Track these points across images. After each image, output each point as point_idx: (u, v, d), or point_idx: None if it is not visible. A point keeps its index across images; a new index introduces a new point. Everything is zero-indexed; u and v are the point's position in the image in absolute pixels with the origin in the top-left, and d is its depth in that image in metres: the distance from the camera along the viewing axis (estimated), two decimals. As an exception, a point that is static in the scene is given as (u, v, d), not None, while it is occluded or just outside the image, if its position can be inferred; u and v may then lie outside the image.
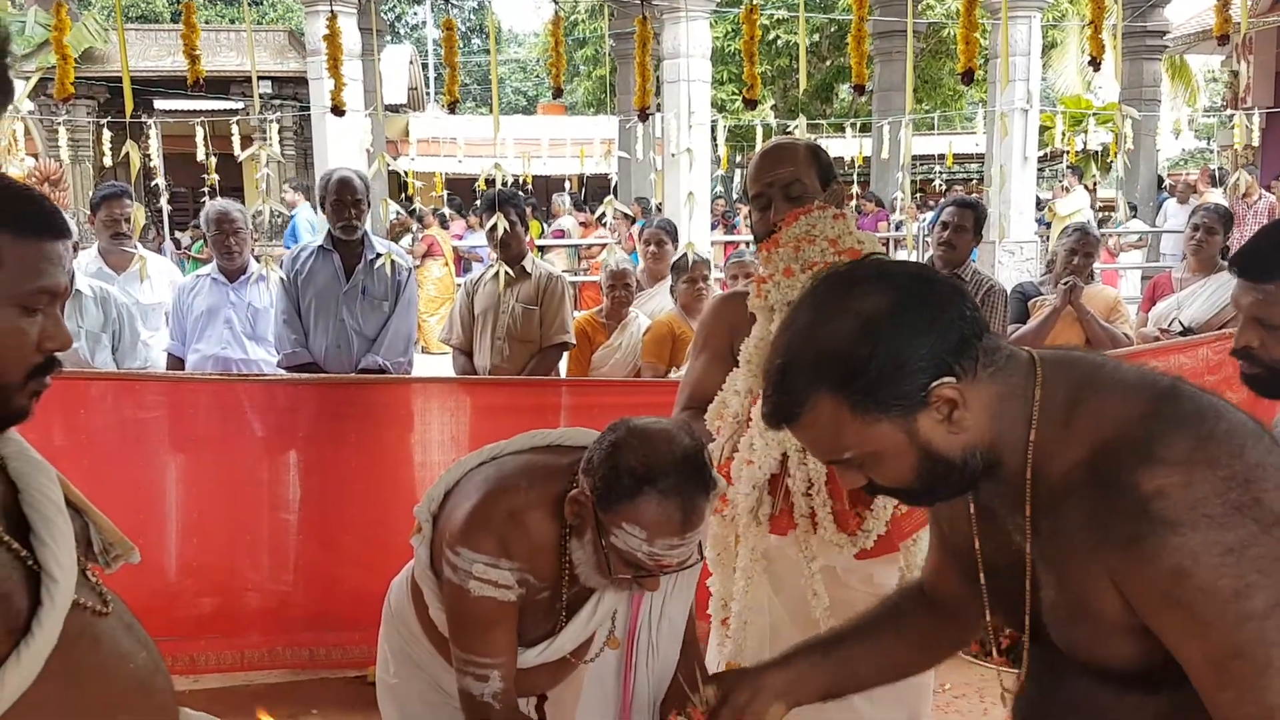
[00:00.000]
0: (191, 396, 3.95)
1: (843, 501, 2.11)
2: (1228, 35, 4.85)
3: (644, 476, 1.69)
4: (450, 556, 1.84)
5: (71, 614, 1.15)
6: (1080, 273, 4.61)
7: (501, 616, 1.84)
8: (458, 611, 1.87)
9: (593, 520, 1.77)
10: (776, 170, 2.40)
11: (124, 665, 1.26)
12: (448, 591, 1.87)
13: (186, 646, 3.78)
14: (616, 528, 1.72)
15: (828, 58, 23.74)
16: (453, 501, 1.94)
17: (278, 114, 14.89)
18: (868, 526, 2.10)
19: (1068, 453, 1.26)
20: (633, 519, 1.70)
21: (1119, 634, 1.25)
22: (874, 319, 1.23)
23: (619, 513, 1.71)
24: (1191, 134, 24.41)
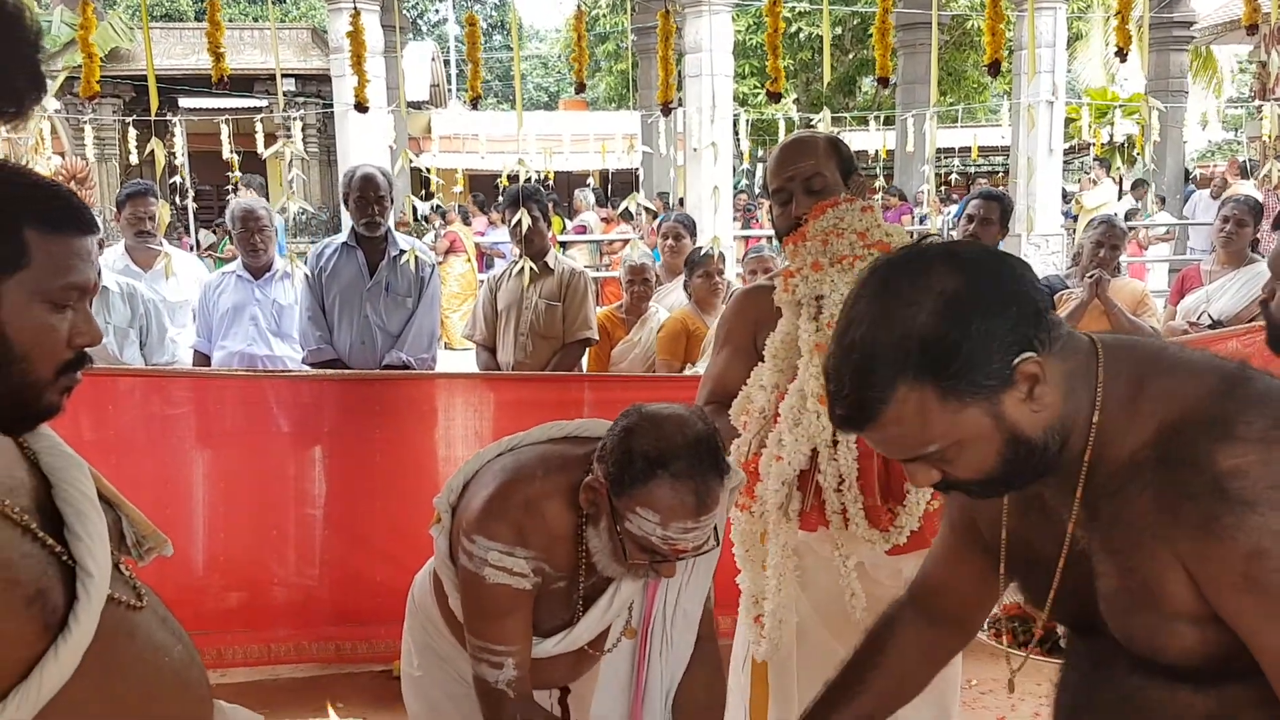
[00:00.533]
0: (218, 392, 3.98)
1: (874, 497, 2.09)
2: (1256, 25, 4.78)
3: (656, 460, 1.70)
4: (466, 544, 1.85)
5: (107, 608, 1.16)
6: (1106, 265, 4.57)
7: (516, 605, 1.85)
8: (473, 599, 1.88)
9: (608, 507, 1.78)
10: (797, 164, 2.39)
11: (160, 658, 1.26)
12: (463, 578, 1.89)
13: (213, 641, 3.80)
14: (630, 513, 1.73)
15: (850, 50, 23.60)
16: (471, 491, 1.94)
17: (301, 111, 14.95)
18: (900, 522, 2.08)
19: (1133, 434, 1.21)
20: (646, 503, 1.71)
21: (1183, 622, 1.20)
22: (956, 298, 1.17)
23: (632, 497, 1.72)
24: (1219, 125, 24.14)
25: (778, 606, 2.22)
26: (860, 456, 2.09)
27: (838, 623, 2.23)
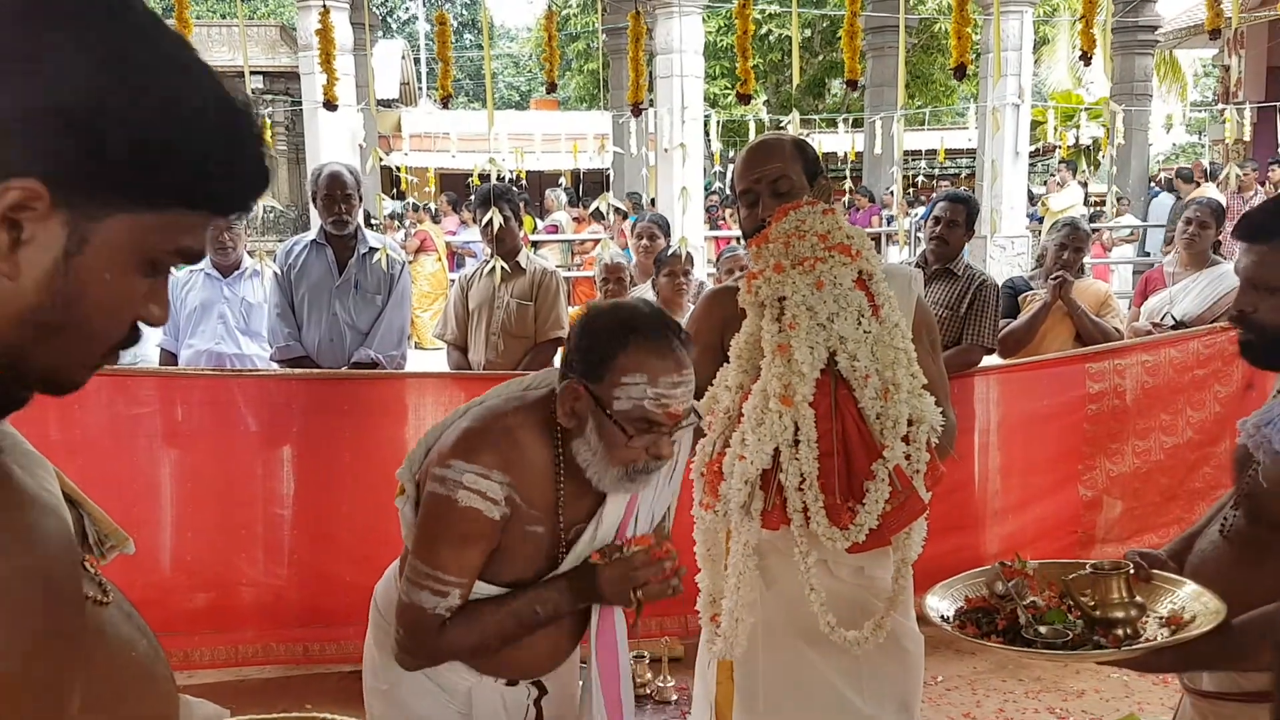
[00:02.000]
0: (185, 391, 3.95)
1: (835, 496, 2.12)
2: (1219, 30, 4.86)
3: (625, 327, 1.79)
4: (439, 472, 1.83)
5: None
6: (1070, 267, 4.63)
7: (481, 533, 1.84)
8: (437, 523, 1.84)
9: (590, 404, 1.81)
10: (764, 166, 2.41)
11: (126, 653, 1.26)
12: (429, 505, 1.85)
13: (180, 642, 3.78)
14: (616, 388, 1.78)
15: (820, 53, 23.75)
16: (438, 448, 1.94)
17: (269, 109, 14.84)
18: (859, 520, 2.10)
19: None
20: (629, 369, 1.77)
21: None
22: None
23: (614, 369, 1.78)
24: (1183, 128, 24.47)
25: (736, 605, 2.24)
26: (821, 456, 2.12)
27: (802, 621, 2.25)
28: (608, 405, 1.80)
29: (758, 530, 2.23)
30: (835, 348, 2.15)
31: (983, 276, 4.40)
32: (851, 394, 2.14)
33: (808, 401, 2.12)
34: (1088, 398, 4.17)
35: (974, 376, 4.23)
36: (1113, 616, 1.82)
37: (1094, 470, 4.20)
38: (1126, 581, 1.85)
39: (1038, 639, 1.82)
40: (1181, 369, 4.20)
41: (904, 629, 2.37)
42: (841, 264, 2.17)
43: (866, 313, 2.18)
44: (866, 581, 2.31)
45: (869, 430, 2.14)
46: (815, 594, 2.20)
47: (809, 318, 2.14)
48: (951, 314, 4.30)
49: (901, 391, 2.14)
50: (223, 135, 0.92)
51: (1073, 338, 4.54)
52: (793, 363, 2.14)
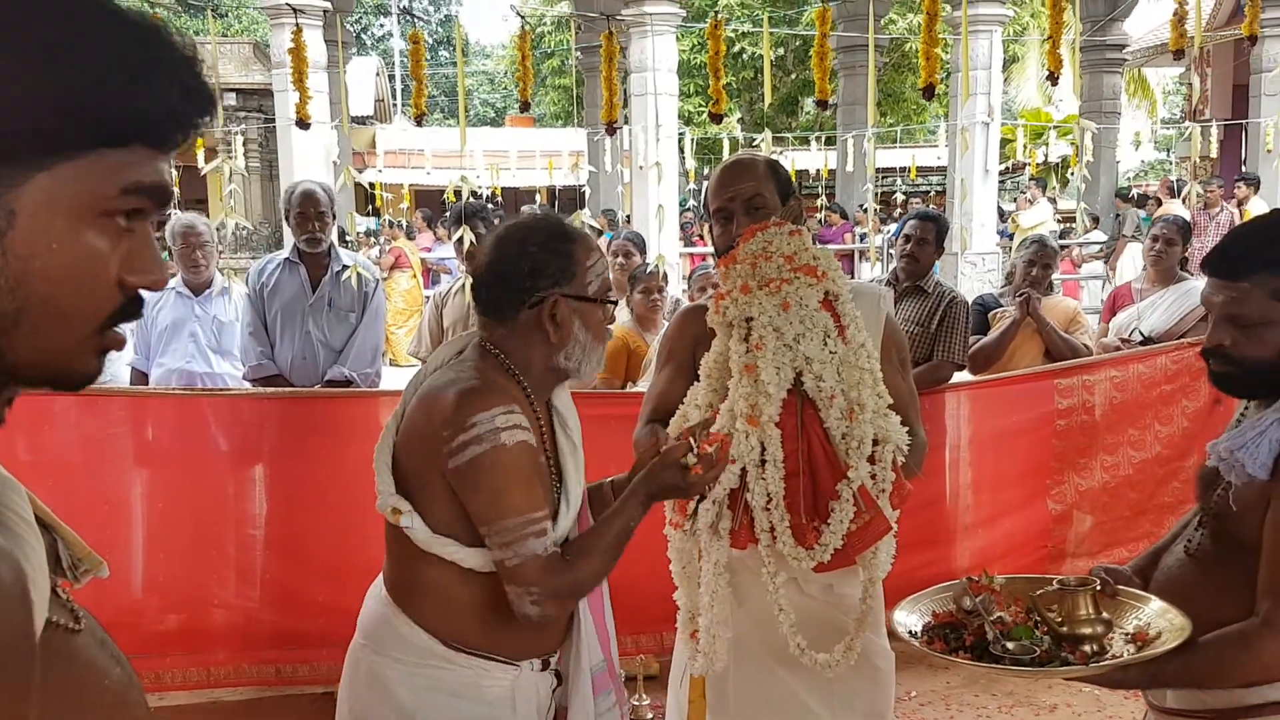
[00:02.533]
0: (156, 411, 3.93)
1: (800, 515, 2.14)
2: (1183, 50, 4.94)
3: (555, 229, 1.98)
4: (463, 436, 1.82)
5: (45, 632, 1.15)
6: (1039, 284, 4.69)
7: (534, 463, 1.89)
8: (499, 475, 1.83)
9: (569, 303, 1.94)
10: (738, 185, 2.43)
11: (99, 681, 1.25)
12: (479, 468, 1.82)
13: (152, 664, 3.75)
14: (586, 274, 1.95)
15: (793, 71, 23.92)
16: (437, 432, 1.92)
17: (242, 127, 14.79)
18: (824, 540, 2.12)
19: None
20: (586, 255, 1.97)
21: None
22: None
23: (576, 263, 1.95)
24: (1152, 145, 24.79)
25: (711, 622, 2.25)
26: (787, 476, 2.14)
27: (773, 638, 2.27)
28: (585, 293, 1.96)
29: (727, 549, 2.24)
30: (801, 368, 2.17)
31: (953, 293, 4.44)
32: (818, 414, 2.17)
33: (774, 422, 2.15)
34: (1056, 413, 4.21)
35: (945, 393, 4.26)
36: (1080, 633, 1.84)
37: (1062, 485, 4.24)
38: (1093, 597, 1.87)
39: (1005, 655, 1.83)
40: (1150, 384, 4.25)
41: (875, 646, 2.39)
42: (807, 285, 2.20)
43: (833, 333, 2.20)
44: (836, 599, 2.32)
45: (834, 450, 2.16)
46: (784, 614, 2.21)
47: (775, 338, 2.17)
48: (922, 331, 4.33)
49: (866, 411, 2.17)
50: (124, 58, 0.82)
51: (1042, 354, 4.59)
52: (759, 383, 2.16)
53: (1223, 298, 1.80)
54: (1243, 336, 1.78)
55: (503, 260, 1.97)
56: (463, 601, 1.95)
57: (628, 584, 3.06)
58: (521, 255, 1.94)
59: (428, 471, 1.90)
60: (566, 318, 1.94)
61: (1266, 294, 1.75)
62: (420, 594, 1.97)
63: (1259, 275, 1.76)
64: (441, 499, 1.90)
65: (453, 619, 1.96)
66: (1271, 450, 1.72)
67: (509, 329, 1.96)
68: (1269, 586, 1.72)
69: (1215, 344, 1.83)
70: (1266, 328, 1.76)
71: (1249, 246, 1.82)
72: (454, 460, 1.84)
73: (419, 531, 1.91)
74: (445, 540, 1.91)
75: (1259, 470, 1.73)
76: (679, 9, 10.71)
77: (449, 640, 1.96)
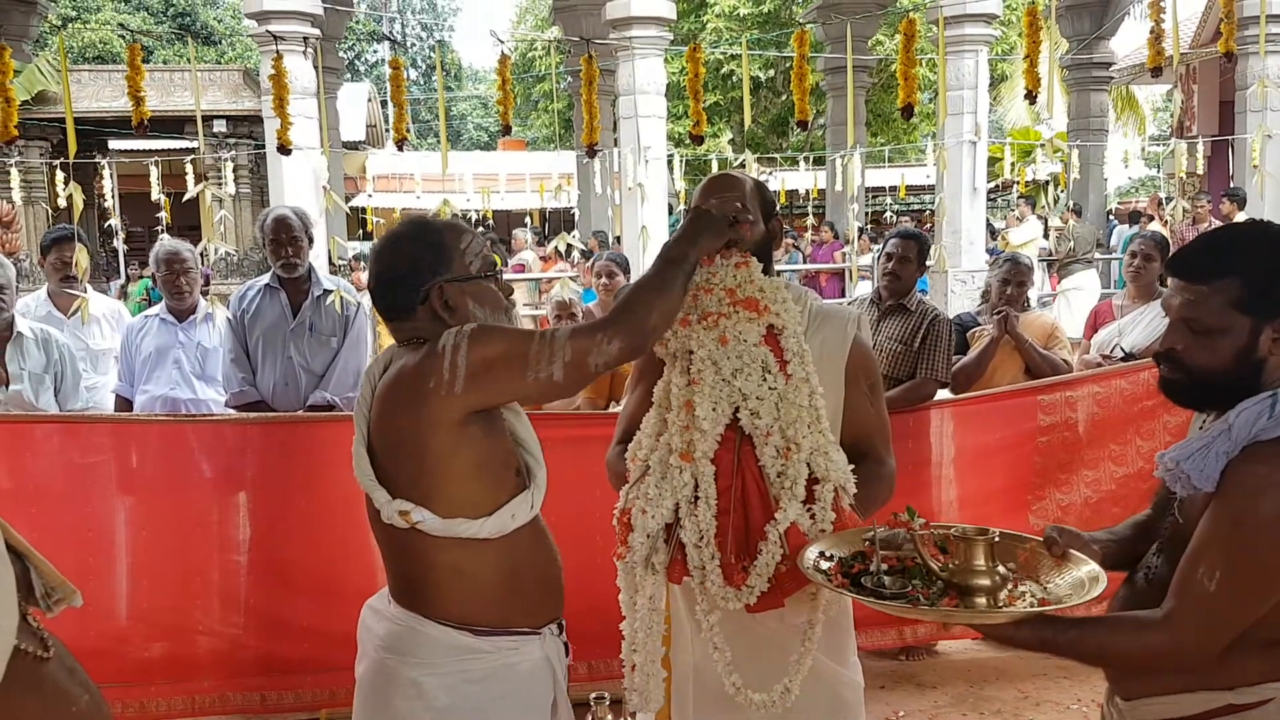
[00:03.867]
0: (139, 438, 3.92)
1: (729, 555, 2.11)
2: (1160, 67, 4.98)
3: (424, 223, 2.13)
4: (446, 362, 1.91)
5: (13, 659, 1.15)
6: (1014, 302, 4.71)
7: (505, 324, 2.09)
8: (496, 342, 1.93)
9: (456, 287, 2.03)
10: (724, 196, 2.43)
11: (67, 709, 1.26)
12: (474, 356, 1.91)
13: (136, 693, 3.73)
14: (464, 256, 2.06)
15: (782, 92, 24.05)
16: (395, 454, 2.00)
17: (232, 153, 14.84)
18: (751, 582, 2.09)
19: None
20: (457, 238, 2.08)
21: None
22: None
23: (450, 249, 2.06)
24: (1143, 162, 24.92)
25: (645, 660, 2.23)
26: (719, 513, 2.10)
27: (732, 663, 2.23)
28: (467, 273, 2.06)
29: (663, 583, 2.23)
30: (739, 404, 2.15)
31: (936, 311, 4.46)
32: (754, 451, 2.14)
33: (708, 458, 2.13)
34: (1039, 430, 4.22)
35: (929, 410, 4.27)
36: (971, 583, 1.81)
37: (1044, 500, 4.24)
38: (990, 549, 1.83)
39: (877, 589, 1.85)
40: (1131, 400, 4.26)
41: (840, 677, 2.36)
42: (747, 320, 2.18)
43: (773, 368, 2.17)
44: (787, 626, 2.25)
45: (768, 489, 2.13)
46: (720, 653, 2.17)
47: (713, 373, 2.15)
48: (905, 349, 4.35)
49: (802, 450, 2.13)
50: None
51: (1022, 370, 4.61)
52: (695, 418, 2.14)
53: (1181, 300, 1.77)
54: (1195, 342, 1.75)
55: (385, 267, 2.08)
56: (483, 578, 2.02)
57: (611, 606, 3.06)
58: (398, 257, 2.06)
59: (432, 443, 1.95)
60: (458, 300, 2.03)
61: (1225, 300, 1.71)
62: (438, 588, 2.01)
63: (1221, 280, 1.72)
64: (452, 462, 1.96)
65: (476, 600, 2.02)
66: (1218, 462, 1.69)
67: (414, 324, 2.05)
68: (1179, 586, 1.71)
69: (1167, 347, 1.79)
70: (1220, 335, 1.72)
71: (1215, 250, 1.78)
72: (458, 383, 1.91)
73: (432, 522, 1.95)
74: (458, 521, 1.96)
75: (1204, 483, 1.71)
76: (666, 33, 10.77)
77: (477, 625, 2.01)
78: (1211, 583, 1.66)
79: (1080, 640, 1.78)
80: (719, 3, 23.73)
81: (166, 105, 15.92)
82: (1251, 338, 1.71)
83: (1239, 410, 1.70)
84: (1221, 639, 1.68)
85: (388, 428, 2.01)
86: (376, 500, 2.00)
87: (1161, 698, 1.79)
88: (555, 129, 24.54)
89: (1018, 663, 4.27)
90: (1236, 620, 1.67)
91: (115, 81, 17.56)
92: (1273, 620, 1.68)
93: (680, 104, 20.58)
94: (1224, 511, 1.68)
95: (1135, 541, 1.97)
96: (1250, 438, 1.67)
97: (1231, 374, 1.73)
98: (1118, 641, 1.76)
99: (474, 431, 1.96)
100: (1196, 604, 1.68)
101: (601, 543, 3.73)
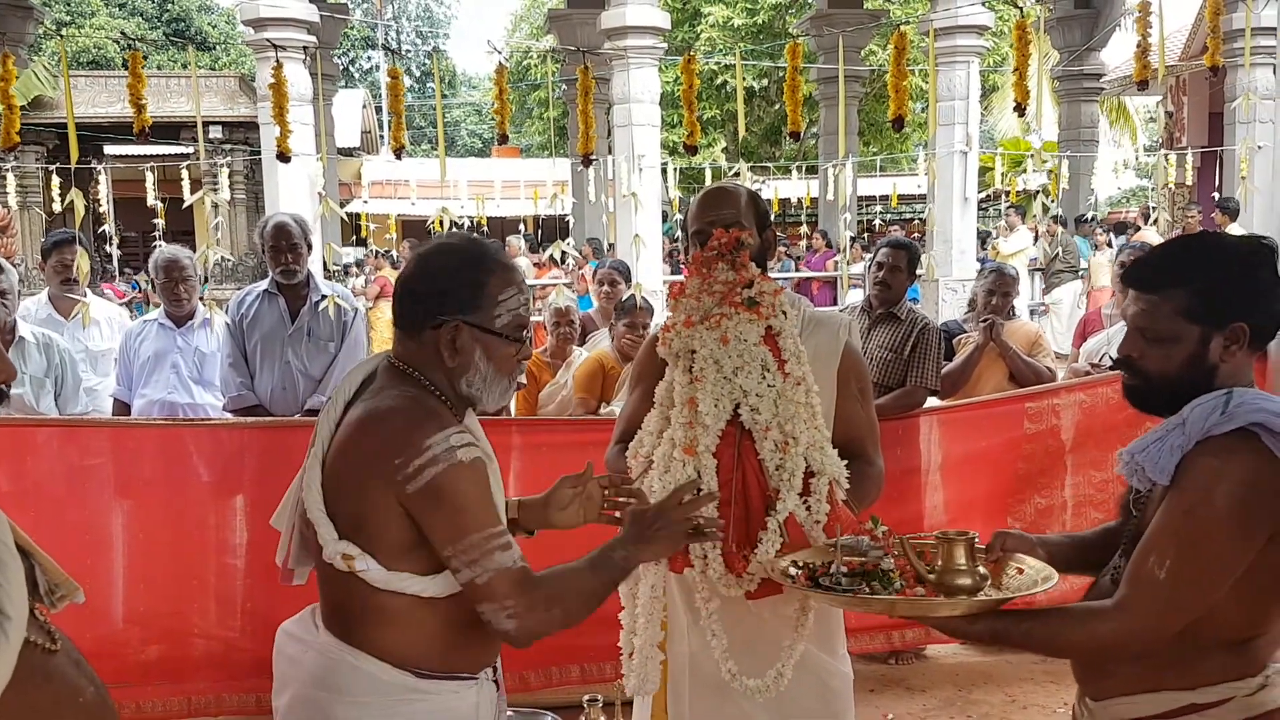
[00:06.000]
0: (138, 442, 3.95)
1: (730, 544, 2.19)
2: (1147, 81, 5.05)
3: (477, 256, 1.95)
4: (419, 460, 1.80)
5: (23, 651, 1.20)
6: (1000, 311, 4.78)
7: (488, 479, 1.89)
8: (460, 494, 1.82)
9: (472, 332, 1.93)
10: (720, 211, 2.49)
11: (74, 700, 1.31)
12: (438, 488, 1.80)
13: (133, 694, 3.75)
14: (496, 307, 1.94)
15: (776, 102, 24.12)
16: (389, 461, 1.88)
17: (228, 159, 14.88)
18: (751, 569, 2.17)
19: None
20: (502, 287, 1.94)
21: None
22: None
23: (489, 294, 1.93)
24: (1135, 172, 25.03)
25: (645, 644, 2.30)
26: (720, 505, 2.17)
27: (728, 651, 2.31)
28: (491, 326, 1.94)
29: (664, 573, 2.30)
30: (739, 400, 2.23)
31: (925, 320, 4.52)
32: (754, 445, 2.22)
33: (710, 452, 2.20)
34: (1024, 438, 4.28)
35: (919, 417, 4.33)
36: (955, 583, 1.86)
37: (1024, 504, 4.30)
38: (969, 549, 1.89)
39: (834, 586, 1.93)
40: (1117, 408, 4.29)
41: (828, 666, 2.44)
42: (747, 321, 2.26)
43: (772, 367, 2.25)
44: (783, 618, 2.34)
45: (767, 481, 2.22)
46: (717, 640, 2.26)
47: (715, 371, 2.23)
48: (895, 356, 4.41)
49: (800, 444, 2.22)
50: None
51: (1007, 378, 4.68)
52: (698, 414, 2.22)
53: (1135, 309, 1.84)
54: (1149, 349, 1.81)
55: (419, 277, 1.98)
56: (427, 627, 1.91)
57: (604, 609, 3.11)
58: (436, 275, 1.95)
59: (376, 502, 1.85)
60: (466, 346, 1.93)
61: (1174, 309, 1.78)
62: (378, 627, 1.91)
63: (1170, 290, 1.79)
64: (392, 528, 1.86)
65: (418, 645, 1.91)
66: (1173, 455, 1.74)
67: (416, 345, 1.96)
68: (1131, 575, 1.76)
69: (1124, 355, 1.87)
70: (1172, 343, 1.78)
71: (1165, 261, 1.85)
72: (411, 485, 1.81)
73: (375, 574, 1.86)
74: (402, 575, 1.87)
75: (1159, 475, 1.76)
76: (660, 42, 10.84)
77: (419, 668, 1.91)
78: (1162, 570, 1.71)
79: (1032, 631, 1.84)
80: (713, 13, 23.85)
81: (162, 111, 15.93)
82: (1201, 345, 1.78)
83: (1193, 405, 1.76)
84: (1171, 625, 1.73)
85: (343, 465, 1.91)
86: (321, 535, 1.88)
87: (1128, 697, 1.84)
88: (550, 136, 24.60)
89: (1005, 667, 4.32)
90: (1186, 608, 1.72)
91: (111, 87, 17.60)
92: (1233, 620, 1.74)
93: (674, 112, 20.64)
94: (1177, 502, 1.74)
95: (1103, 548, 2.01)
96: (1204, 432, 1.73)
97: (1185, 379, 1.79)
98: (1069, 631, 1.81)
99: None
100: (1147, 591, 1.72)
101: (597, 545, 3.80)
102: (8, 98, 4.60)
